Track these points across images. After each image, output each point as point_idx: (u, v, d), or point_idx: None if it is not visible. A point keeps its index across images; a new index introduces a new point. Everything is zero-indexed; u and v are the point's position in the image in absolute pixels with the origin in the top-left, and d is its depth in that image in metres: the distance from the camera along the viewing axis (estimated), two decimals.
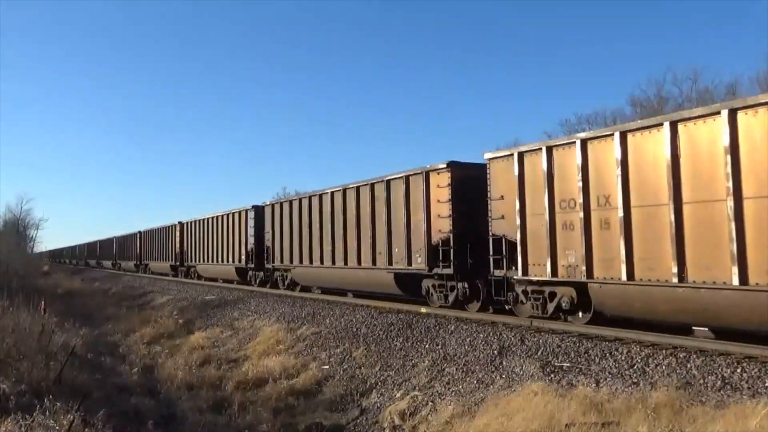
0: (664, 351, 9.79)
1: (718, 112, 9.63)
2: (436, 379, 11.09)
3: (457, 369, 11.18)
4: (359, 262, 18.85)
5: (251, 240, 27.68)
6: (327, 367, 13.48)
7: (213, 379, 14.12)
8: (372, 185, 18.47)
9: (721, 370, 8.71)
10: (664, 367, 9.21)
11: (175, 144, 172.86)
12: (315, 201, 21.98)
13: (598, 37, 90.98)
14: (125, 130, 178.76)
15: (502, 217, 13.71)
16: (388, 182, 17.65)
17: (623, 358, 9.90)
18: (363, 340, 14.31)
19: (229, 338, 18.36)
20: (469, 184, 14.98)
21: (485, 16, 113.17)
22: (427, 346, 12.84)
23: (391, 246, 17.34)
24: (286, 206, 24.55)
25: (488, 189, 14.15)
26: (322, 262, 21.29)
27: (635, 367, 9.50)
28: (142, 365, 16.24)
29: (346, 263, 19.59)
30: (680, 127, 10.18)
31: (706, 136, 9.83)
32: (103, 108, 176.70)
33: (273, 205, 25.88)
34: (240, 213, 29.20)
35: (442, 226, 15.37)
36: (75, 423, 8.45)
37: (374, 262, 18.10)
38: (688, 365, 9.08)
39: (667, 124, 10.30)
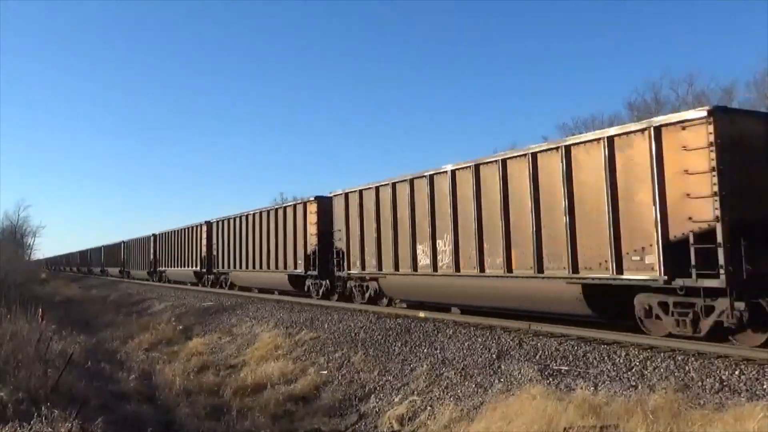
0: (662, 354, 9.80)
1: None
2: (434, 384, 11.08)
3: (455, 373, 11.18)
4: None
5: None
6: (325, 372, 13.46)
7: (211, 385, 14.09)
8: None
9: (720, 372, 8.71)
10: (662, 370, 9.22)
11: (174, 149, 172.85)
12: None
13: (595, 41, 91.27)
14: (123, 136, 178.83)
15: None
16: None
17: (621, 361, 9.90)
18: (361, 345, 14.30)
19: (228, 344, 18.34)
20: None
21: (482, 18, 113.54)
22: (425, 350, 12.83)
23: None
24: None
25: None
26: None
27: (633, 369, 9.50)
28: (140, 372, 16.18)
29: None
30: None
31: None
32: (101, 114, 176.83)
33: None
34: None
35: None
36: (73, 430, 8.44)
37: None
38: (687, 368, 9.08)
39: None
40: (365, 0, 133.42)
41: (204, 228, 34.21)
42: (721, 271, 9.32)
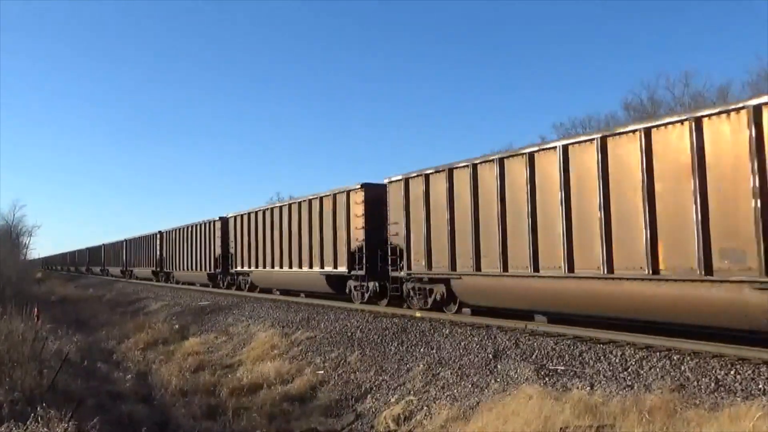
0: (658, 353, 9.82)
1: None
2: (431, 384, 11.09)
3: (451, 373, 11.19)
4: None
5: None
6: (322, 372, 13.46)
7: (207, 385, 14.07)
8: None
9: (715, 372, 8.74)
10: (658, 370, 9.24)
11: (171, 149, 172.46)
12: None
13: (592, 41, 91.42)
14: (118, 135, 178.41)
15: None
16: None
17: (617, 360, 9.92)
18: (358, 345, 14.30)
19: (224, 344, 18.32)
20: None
21: (479, 18, 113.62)
22: (421, 350, 12.84)
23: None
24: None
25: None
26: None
27: (629, 369, 9.52)
28: (136, 372, 16.18)
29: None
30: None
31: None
32: (97, 113, 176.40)
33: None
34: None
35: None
36: (69, 430, 8.42)
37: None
38: (682, 367, 9.10)
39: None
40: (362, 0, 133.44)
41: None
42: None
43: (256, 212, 26.76)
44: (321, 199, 21.32)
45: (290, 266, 23.23)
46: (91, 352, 18.98)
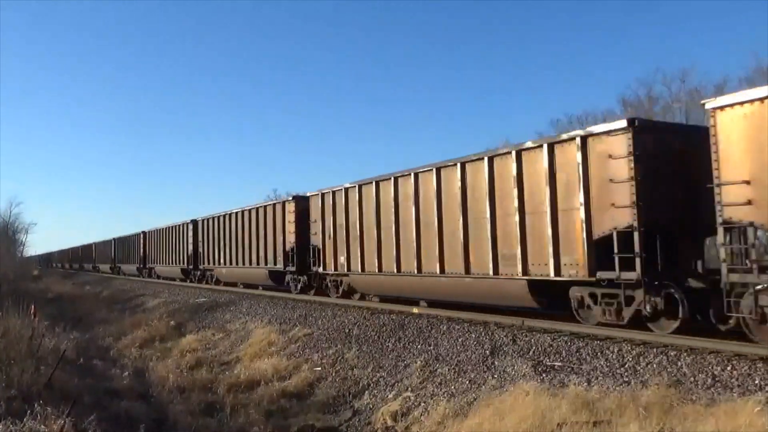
0: (654, 349, 9.83)
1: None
2: (428, 380, 11.10)
3: (449, 369, 11.20)
4: None
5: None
6: (319, 368, 13.46)
7: (205, 381, 14.07)
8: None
9: (712, 368, 8.75)
10: (654, 366, 9.25)
11: (167, 146, 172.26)
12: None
13: (590, 37, 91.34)
14: (114, 133, 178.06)
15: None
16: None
17: (614, 356, 9.93)
18: (355, 341, 14.30)
19: (221, 341, 18.31)
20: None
21: (475, 15, 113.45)
22: (419, 346, 12.84)
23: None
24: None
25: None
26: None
27: (626, 365, 9.54)
28: (133, 369, 16.15)
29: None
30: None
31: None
32: (93, 109, 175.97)
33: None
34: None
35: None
36: (66, 428, 8.41)
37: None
38: (679, 363, 9.12)
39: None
40: None
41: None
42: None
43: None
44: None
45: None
46: (88, 349, 18.94)
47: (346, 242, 18.84)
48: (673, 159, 11.02)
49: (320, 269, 20.66)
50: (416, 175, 15.77)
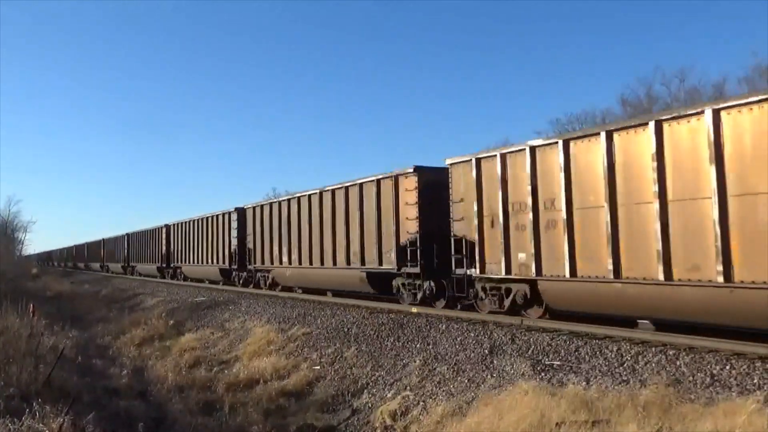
0: (653, 348, 9.84)
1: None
2: (427, 379, 11.09)
3: (448, 368, 11.19)
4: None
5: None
6: (318, 367, 13.45)
7: (203, 380, 14.07)
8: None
9: (711, 367, 8.76)
10: (653, 365, 9.26)
11: (166, 145, 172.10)
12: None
13: (589, 37, 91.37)
14: (114, 132, 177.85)
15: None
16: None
17: (613, 355, 9.94)
18: (354, 340, 14.30)
19: (220, 339, 18.29)
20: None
21: (475, 15, 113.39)
22: (418, 345, 12.84)
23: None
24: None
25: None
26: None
27: (625, 364, 9.54)
28: (132, 367, 16.15)
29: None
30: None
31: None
32: (92, 108, 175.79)
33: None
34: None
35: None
36: (64, 426, 8.39)
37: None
38: (678, 362, 9.12)
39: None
40: None
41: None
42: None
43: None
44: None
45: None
46: (86, 348, 18.95)
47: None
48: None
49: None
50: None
